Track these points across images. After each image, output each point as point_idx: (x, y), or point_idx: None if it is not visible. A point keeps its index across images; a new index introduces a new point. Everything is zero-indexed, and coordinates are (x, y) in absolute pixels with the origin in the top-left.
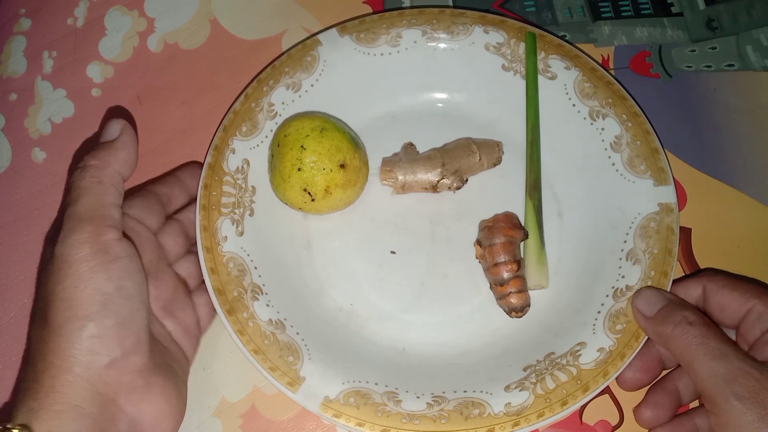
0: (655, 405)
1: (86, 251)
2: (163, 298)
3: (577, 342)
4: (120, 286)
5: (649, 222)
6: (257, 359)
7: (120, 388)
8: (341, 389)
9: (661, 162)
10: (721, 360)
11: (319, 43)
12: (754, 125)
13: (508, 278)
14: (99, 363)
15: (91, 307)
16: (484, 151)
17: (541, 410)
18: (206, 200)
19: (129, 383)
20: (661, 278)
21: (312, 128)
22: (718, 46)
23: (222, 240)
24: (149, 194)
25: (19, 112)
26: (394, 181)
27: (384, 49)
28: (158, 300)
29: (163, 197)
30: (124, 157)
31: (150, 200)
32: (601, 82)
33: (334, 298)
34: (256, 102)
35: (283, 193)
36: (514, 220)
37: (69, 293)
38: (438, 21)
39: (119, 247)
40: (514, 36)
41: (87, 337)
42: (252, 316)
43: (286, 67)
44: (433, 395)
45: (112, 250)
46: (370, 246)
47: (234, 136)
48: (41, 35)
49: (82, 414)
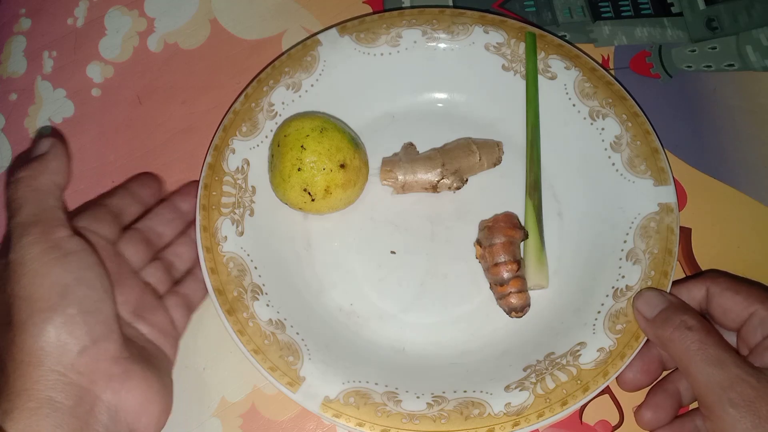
0: (656, 406)
1: (38, 249)
2: (131, 303)
3: (577, 342)
4: (79, 277)
5: (649, 222)
6: (257, 359)
7: (95, 376)
8: (341, 389)
9: (661, 162)
10: (718, 366)
11: (319, 43)
12: (754, 125)
13: (508, 278)
14: (69, 353)
15: (52, 299)
16: (484, 151)
17: (541, 410)
18: (206, 200)
19: (105, 370)
20: (661, 278)
21: (312, 128)
22: (718, 46)
23: (222, 240)
24: (98, 206)
25: (19, 112)
26: (394, 181)
27: (384, 49)
28: (126, 305)
29: (113, 208)
30: (56, 167)
31: (100, 211)
32: (601, 82)
33: (334, 298)
34: (256, 102)
35: (283, 193)
36: (514, 220)
37: (27, 290)
38: (438, 21)
39: (71, 242)
40: (514, 36)
41: (53, 329)
42: (252, 316)
43: (286, 67)
44: (433, 395)
45: (64, 245)
46: (370, 246)
47: (234, 136)
48: (41, 35)
49: (56, 408)
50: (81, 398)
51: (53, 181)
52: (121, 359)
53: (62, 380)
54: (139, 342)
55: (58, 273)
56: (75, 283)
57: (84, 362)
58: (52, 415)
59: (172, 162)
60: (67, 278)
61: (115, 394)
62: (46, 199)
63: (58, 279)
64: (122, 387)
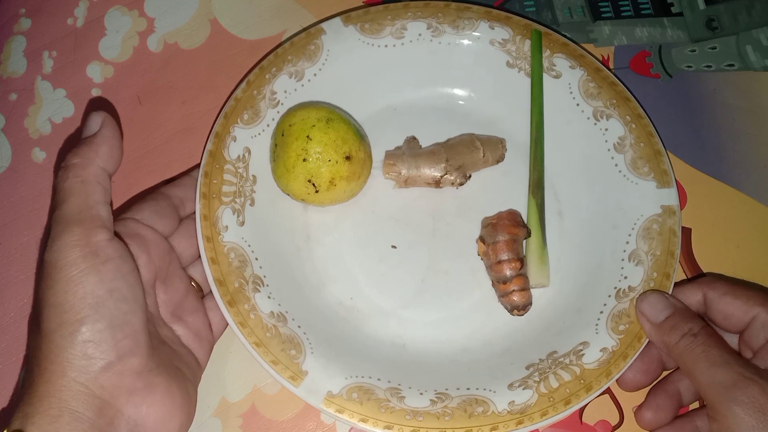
0: (657, 407)
1: (76, 254)
2: (172, 303)
3: (580, 341)
4: (112, 288)
5: (651, 224)
6: (259, 352)
7: (118, 391)
8: (344, 384)
9: (664, 164)
10: (722, 367)
11: (323, 32)
12: (754, 125)
13: (511, 276)
14: (94, 367)
15: (83, 311)
16: (488, 147)
17: (545, 409)
18: (207, 188)
19: (128, 386)
20: (664, 280)
21: (318, 118)
22: (718, 46)
23: (223, 229)
24: (160, 197)
25: (19, 112)
26: (397, 175)
27: (388, 41)
28: (167, 305)
29: (175, 199)
30: (107, 152)
31: (161, 203)
32: (606, 82)
33: (334, 293)
34: (258, 89)
35: (286, 183)
36: (518, 218)
37: (59, 298)
38: (443, 15)
39: (110, 248)
40: (519, 33)
41: (80, 342)
42: (253, 308)
43: (289, 55)
44: (437, 392)
45: (102, 251)
46: (370, 240)
47: (235, 124)
48: (41, 35)
49: (77, 418)
50: (101, 410)
51: (103, 168)
52: (145, 373)
53: (84, 392)
54: (172, 345)
55: (93, 283)
56: (107, 296)
57: (107, 377)
58: (72, 423)
59: (172, 162)
60: (101, 290)
61: (137, 408)
62: (93, 192)
63: (91, 290)
64: (143, 402)
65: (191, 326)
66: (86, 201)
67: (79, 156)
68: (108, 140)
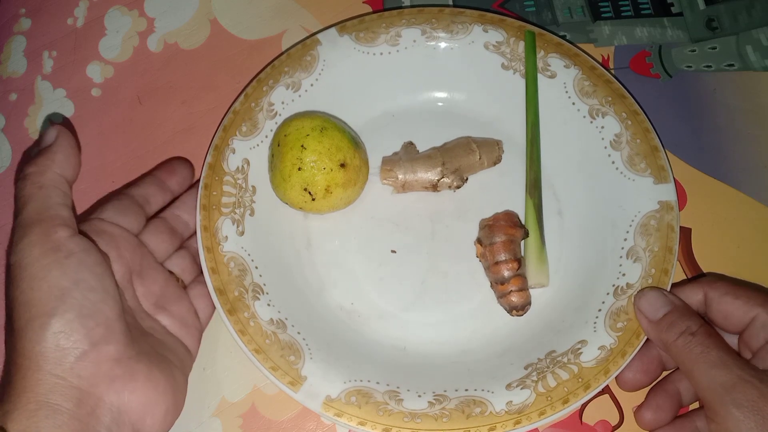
0: (657, 407)
1: (37, 252)
2: (153, 295)
3: (578, 340)
4: (77, 279)
5: (649, 220)
6: (258, 359)
7: (97, 380)
8: (343, 388)
9: (661, 160)
10: (721, 368)
11: (319, 42)
12: (754, 125)
13: (508, 277)
14: (68, 357)
15: (50, 303)
16: (484, 149)
17: (543, 408)
18: (207, 200)
19: (106, 373)
20: (662, 276)
21: (312, 128)
22: (718, 46)
23: (222, 240)
24: (123, 197)
25: (19, 112)
26: (394, 180)
27: (383, 49)
28: (148, 297)
29: (139, 198)
30: (63, 159)
31: (124, 202)
32: (601, 80)
33: (335, 297)
34: (255, 102)
35: (284, 192)
36: (515, 219)
37: (26, 295)
38: (437, 20)
39: (72, 243)
40: (513, 35)
41: (51, 334)
42: (253, 315)
43: (286, 67)
44: (435, 394)
45: (64, 247)
46: (370, 245)
47: (234, 136)
48: (41, 35)
49: (55, 410)
50: (81, 401)
51: (60, 174)
52: (125, 360)
53: (61, 384)
54: (158, 335)
55: (56, 276)
56: (73, 287)
57: (83, 366)
58: (51, 416)
59: None
60: (65, 281)
61: (118, 395)
62: (51, 196)
63: (56, 282)
64: (125, 388)
65: (176, 315)
66: (44, 203)
67: (35, 165)
68: (63, 149)
